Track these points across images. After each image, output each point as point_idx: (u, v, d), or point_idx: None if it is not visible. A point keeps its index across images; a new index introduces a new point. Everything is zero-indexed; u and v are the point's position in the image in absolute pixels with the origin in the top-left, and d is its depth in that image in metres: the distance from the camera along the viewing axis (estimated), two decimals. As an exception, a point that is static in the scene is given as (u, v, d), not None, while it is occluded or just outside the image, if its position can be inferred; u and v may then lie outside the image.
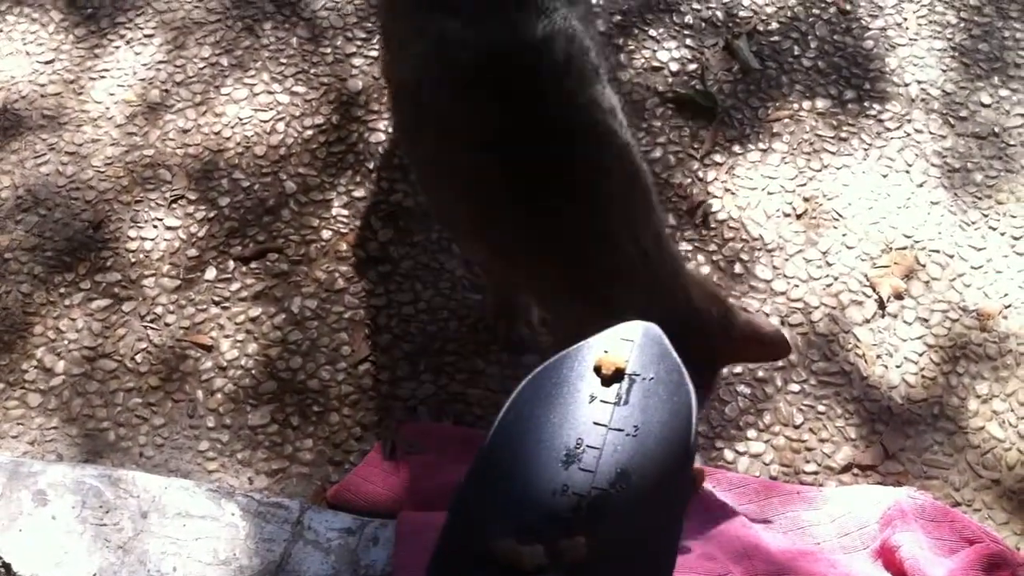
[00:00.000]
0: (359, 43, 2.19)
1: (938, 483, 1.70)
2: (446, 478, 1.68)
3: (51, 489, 1.54)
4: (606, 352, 0.71)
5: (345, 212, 1.99)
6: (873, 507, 1.57)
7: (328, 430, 1.76)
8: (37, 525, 1.51)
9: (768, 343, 1.52)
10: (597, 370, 0.70)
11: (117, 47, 2.20)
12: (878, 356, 1.82)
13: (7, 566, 1.48)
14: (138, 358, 1.83)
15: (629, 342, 0.71)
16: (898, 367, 1.81)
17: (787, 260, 1.93)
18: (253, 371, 1.82)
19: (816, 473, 1.72)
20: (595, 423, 0.67)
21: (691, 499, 1.58)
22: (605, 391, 0.69)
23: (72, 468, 1.58)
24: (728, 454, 1.73)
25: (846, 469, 1.72)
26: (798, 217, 1.98)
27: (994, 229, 1.96)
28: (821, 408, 1.77)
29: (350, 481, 1.67)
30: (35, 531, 1.51)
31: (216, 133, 2.08)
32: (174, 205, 2.00)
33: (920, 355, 1.83)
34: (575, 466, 0.65)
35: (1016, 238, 1.95)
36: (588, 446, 0.66)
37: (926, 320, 1.86)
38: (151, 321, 1.87)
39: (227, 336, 1.85)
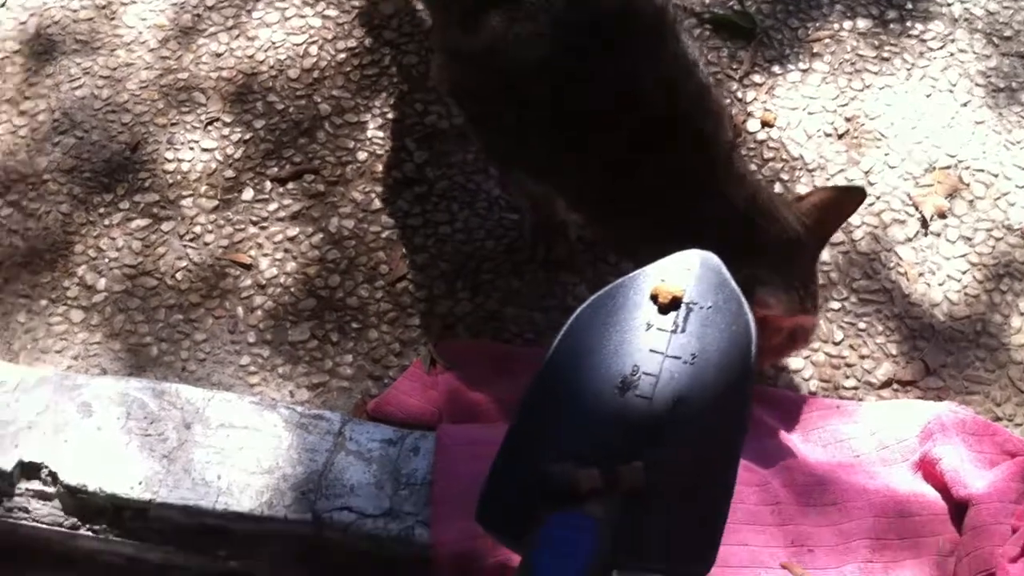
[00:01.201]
0: (393, -35, 2.17)
1: (979, 399, 1.69)
2: (484, 393, 1.68)
3: (96, 401, 1.56)
4: (663, 281, 0.69)
5: (380, 134, 1.98)
6: (913, 421, 1.56)
7: (367, 346, 1.77)
8: (83, 436, 1.53)
9: (841, 201, 1.56)
10: (654, 298, 0.68)
11: (150, -30, 2.19)
12: (920, 274, 1.80)
13: (54, 475, 1.50)
14: (178, 276, 1.84)
15: (687, 271, 0.70)
16: (940, 285, 1.80)
17: (828, 180, 1.90)
18: (292, 289, 1.82)
19: (856, 389, 1.71)
20: (652, 351, 0.66)
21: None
22: (662, 319, 0.68)
23: (116, 381, 1.59)
24: (767, 370, 1.72)
25: (886, 384, 1.71)
26: (839, 137, 1.95)
27: (1039, 148, 1.93)
28: (862, 325, 1.76)
29: (390, 395, 1.68)
30: (81, 442, 1.52)
31: (249, 56, 2.08)
32: (209, 127, 1.99)
33: (963, 273, 1.81)
34: (631, 392, 0.64)
35: (1061, 156, 1.92)
36: (644, 373, 0.65)
37: (969, 239, 1.84)
38: (190, 240, 1.87)
39: (266, 255, 1.85)
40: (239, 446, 1.52)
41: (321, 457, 1.52)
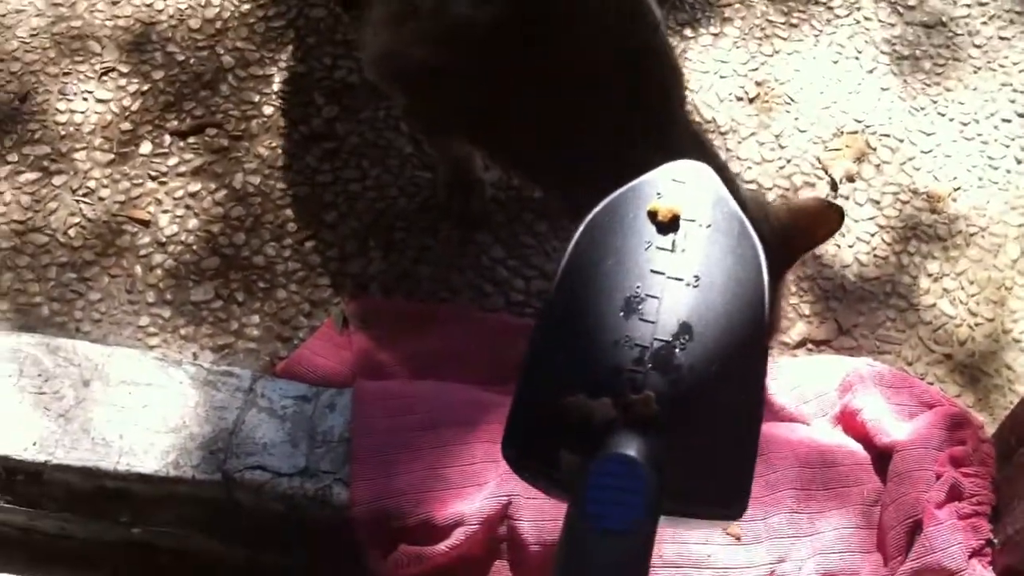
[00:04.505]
0: (298, -84, 2.09)
1: (891, 358, 1.71)
2: (398, 352, 1.63)
3: (-16, 358, 1.46)
4: (659, 195, 0.64)
5: (287, 88, 1.91)
6: (831, 375, 1.57)
7: (275, 306, 1.70)
8: (-30, 395, 1.43)
9: (820, 219, 1.36)
10: (652, 215, 0.63)
11: (38, -87, 2.06)
12: (831, 236, 1.82)
13: (-62, 437, 1.40)
14: (71, 232, 1.73)
15: (681, 185, 0.65)
16: (851, 247, 1.82)
17: (740, 143, 1.91)
18: (194, 246, 1.74)
19: (771, 349, 1.71)
20: (652, 271, 0.61)
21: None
22: (661, 238, 0.62)
23: (7, 336, 1.49)
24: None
25: (800, 344, 1.72)
26: (750, 101, 1.96)
27: (943, 115, 1.96)
28: (776, 285, 1.77)
29: (300, 355, 1.62)
30: (-32, 401, 1.42)
31: (147, 5, 1.97)
32: (105, 78, 1.89)
33: (872, 235, 1.83)
34: (635, 317, 0.59)
35: (964, 123, 1.96)
36: (647, 295, 0.60)
37: (877, 202, 1.86)
38: (84, 195, 1.77)
39: (165, 211, 1.76)
40: (142, 404, 1.44)
41: (231, 415, 1.45)
